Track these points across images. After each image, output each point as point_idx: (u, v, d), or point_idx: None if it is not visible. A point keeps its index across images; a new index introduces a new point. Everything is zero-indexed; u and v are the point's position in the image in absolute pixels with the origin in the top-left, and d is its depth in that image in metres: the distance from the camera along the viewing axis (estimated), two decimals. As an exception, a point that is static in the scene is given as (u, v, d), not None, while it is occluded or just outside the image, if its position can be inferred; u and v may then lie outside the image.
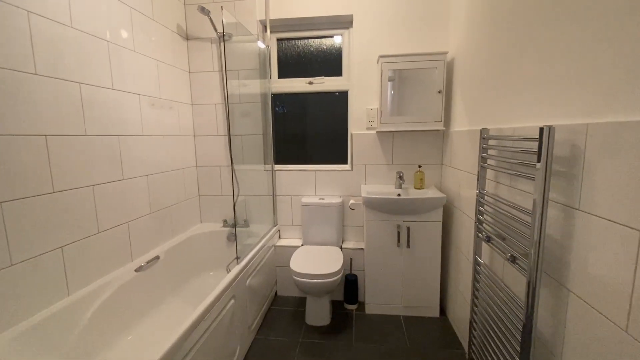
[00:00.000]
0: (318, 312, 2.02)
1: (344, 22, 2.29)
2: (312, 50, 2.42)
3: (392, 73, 2.07)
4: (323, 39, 2.40)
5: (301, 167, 2.45)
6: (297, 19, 2.27)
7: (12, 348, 1.09)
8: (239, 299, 1.67)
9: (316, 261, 2.01)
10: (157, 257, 1.88)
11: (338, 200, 2.31)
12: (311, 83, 2.40)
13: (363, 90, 2.27)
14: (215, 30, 2.20)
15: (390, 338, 1.90)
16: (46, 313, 1.25)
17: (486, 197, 1.38)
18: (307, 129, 2.54)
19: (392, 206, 1.98)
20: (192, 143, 2.42)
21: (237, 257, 1.76)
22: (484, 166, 1.37)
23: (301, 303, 2.26)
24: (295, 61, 2.45)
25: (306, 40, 2.42)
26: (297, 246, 2.31)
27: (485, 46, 1.54)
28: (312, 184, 2.43)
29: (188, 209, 2.35)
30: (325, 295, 2.00)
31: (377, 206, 2.01)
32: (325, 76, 2.39)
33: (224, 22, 1.71)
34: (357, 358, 1.74)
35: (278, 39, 2.42)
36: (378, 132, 2.27)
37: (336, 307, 2.22)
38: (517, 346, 1.07)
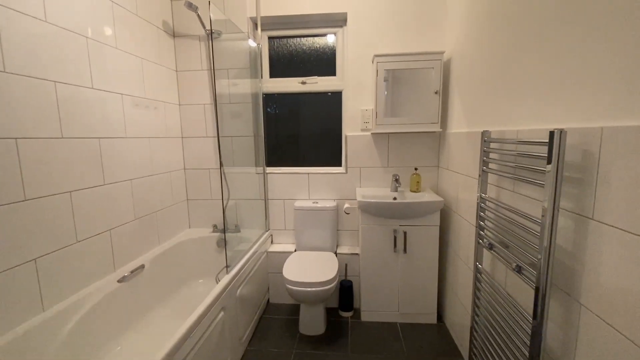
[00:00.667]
0: (312, 321, 1.94)
1: (338, 20, 2.22)
2: (305, 49, 2.35)
3: (388, 73, 2.01)
4: (316, 38, 2.32)
5: (294, 170, 2.37)
6: (289, 17, 2.19)
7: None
8: (229, 310, 1.58)
9: (310, 268, 1.93)
10: (142, 266, 1.78)
11: (332, 203, 2.24)
12: (304, 83, 2.32)
13: (357, 90, 2.20)
14: (203, 27, 2.10)
15: (387, 347, 1.83)
16: (18, 331, 1.15)
17: (487, 203, 1.33)
18: (300, 130, 2.46)
19: (388, 210, 1.91)
20: (180, 145, 2.32)
21: (227, 266, 1.67)
22: (486, 170, 1.32)
23: (295, 311, 2.18)
24: (287, 60, 2.37)
25: (299, 38, 2.34)
26: (290, 252, 2.23)
27: (485, 45, 1.49)
28: (306, 187, 2.35)
29: (176, 214, 2.25)
30: (319, 303, 1.93)
31: (373, 210, 1.94)
32: (318, 76, 2.32)
33: (212, 19, 1.62)
34: (354, 369, 1.67)
35: (269, 37, 2.34)
36: (373, 134, 2.21)
37: (331, 315, 2.15)
38: (524, 359, 1.01)
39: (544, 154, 0.89)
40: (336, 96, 2.34)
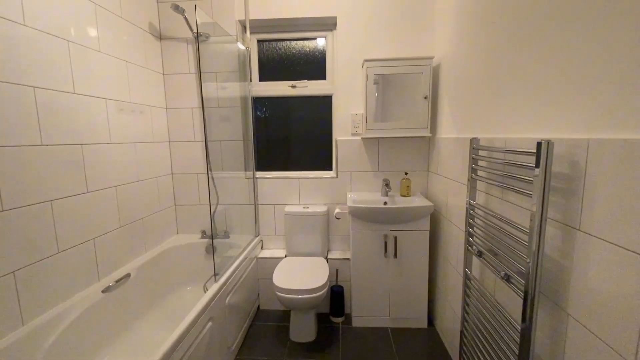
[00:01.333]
0: (303, 328, 1.93)
1: (328, 24, 2.21)
2: (295, 52, 2.33)
3: (377, 78, 2.00)
4: (306, 41, 2.31)
5: (284, 174, 2.35)
6: (279, 20, 2.17)
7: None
8: (217, 320, 1.55)
9: (300, 275, 1.91)
10: (128, 275, 1.73)
11: (323, 208, 2.23)
12: (294, 87, 2.30)
13: (348, 94, 2.20)
14: (190, 29, 2.07)
15: (378, 352, 1.83)
16: (-5, 348, 1.10)
17: (477, 210, 1.33)
18: (291, 134, 2.44)
19: (379, 215, 1.91)
20: (167, 149, 2.27)
21: (215, 274, 1.64)
22: (475, 177, 1.32)
23: (285, 317, 2.16)
24: (277, 64, 2.35)
25: (288, 42, 2.32)
26: (281, 257, 2.21)
27: (473, 51, 1.50)
28: (296, 192, 2.33)
29: (163, 220, 2.20)
30: (310, 310, 1.91)
31: (363, 216, 1.93)
32: (308, 79, 2.30)
33: (199, 22, 1.59)
34: (345, 377, 1.66)
35: (259, 40, 2.31)
36: (363, 138, 2.20)
37: (322, 321, 2.13)
38: (513, 368, 1.02)
39: (532, 164, 0.89)
40: (326, 100, 2.32)
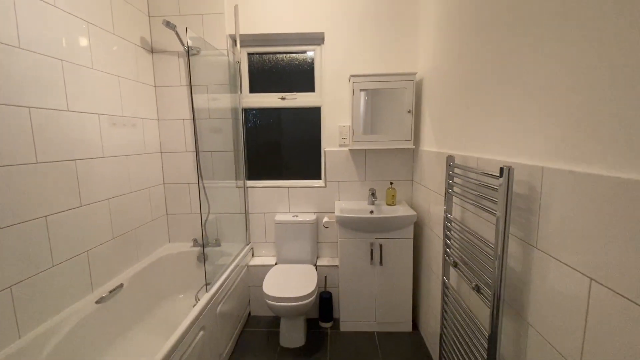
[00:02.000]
0: (292, 333, 2.00)
1: (316, 39, 2.29)
2: (284, 65, 2.40)
3: (363, 92, 2.09)
4: (295, 55, 2.38)
5: (275, 184, 2.41)
6: (268, 35, 2.24)
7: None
8: (209, 329, 1.61)
9: (290, 282, 1.98)
10: (121, 285, 1.78)
11: (312, 217, 2.30)
12: (284, 99, 2.37)
13: (335, 107, 2.27)
14: (182, 44, 2.12)
15: (364, 356, 1.91)
16: (-8, 361, 1.15)
17: (453, 223, 1.42)
18: (281, 144, 2.51)
19: (365, 224, 1.99)
20: (159, 160, 2.32)
21: (207, 284, 1.70)
22: (450, 192, 1.41)
23: (276, 323, 2.22)
24: (267, 76, 2.42)
25: (278, 55, 2.39)
26: (271, 265, 2.28)
27: (451, 71, 1.58)
28: (286, 201, 2.40)
29: (155, 230, 2.24)
30: (299, 316, 1.98)
31: (350, 224, 2.01)
32: (297, 91, 2.38)
33: (190, 38, 1.64)
34: (332, 380, 1.73)
35: (249, 53, 2.38)
36: (351, 150, 2.28)
37: (311, 326, 2.20)
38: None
39: (496, 186, 0.98)
40: (315, 112, 2.40)
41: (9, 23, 1.25)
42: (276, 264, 2.30)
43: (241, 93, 2.37)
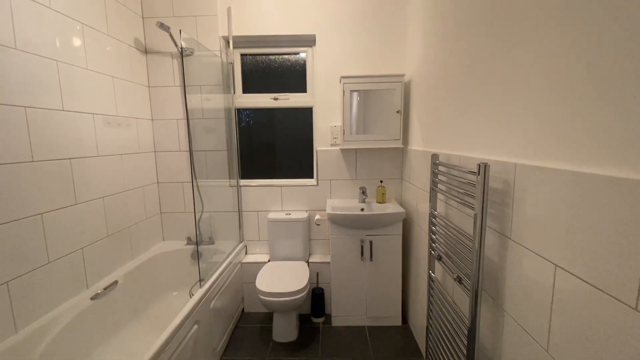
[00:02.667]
0: (285, 328, 2.04)
1: (308, 41, 2.34)
2: (277, 66, 2.45)
3: (354, 93, 2.14)
4: (287, 56, 2.43)
5: (267, 182, 2.46)
6: (261, 36, 2.29)
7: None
8: (203, 324, 1.66)
9: (282, 278, 2.03)
10: (116, 282, 1.81)
11: (304, 215, 2.35)
12: (276, 99, 2.42)
13: (327, 107, 2.33)
14: (175, 45, 2.15)
15: (355, 350, 1.96)
16: (-10, 355, 1.17)
17: (437, 218, 1.49)
18: (274, 144, 2.55)
19: (356, 221, 2.05)
20: (153, 159, 2.35)
21: (200, 280, 1.74)
22: (435, 189, 1.47)
23: (269, 319, 2.27)
24: (259, 77, 2.46)
25: (271, 56, 2.44)
26: (264, 262, 2.32)
27: (434, 73, 1.65)
28: (279, 199, 2.45)
29: (149, 228, 2.27)
30: (291, 311, 2.03)
31: (342, 222, 2.07)
32: (290, 92, 2.43)
33: (183, 44, 1.68)
34: (323, 373, 1.79)
35: (242, 54, 2.42)
36: (342, 149, 2.34)
37: (303, 321, 2.26)
38: (464, 357, 1.17)
39: (474, 181, 1.04)
40: (307, 112, 2.45)
41: (6, 25, 1.28)
42: (269, 261, 2.34)
43: (234, 93, 2.41)
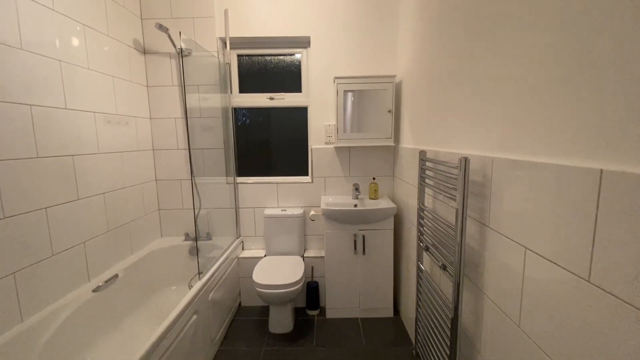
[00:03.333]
0: (281, 320, 2.11)
1: (303, 42, 2.41)
2: (273, 67, 2.52)
3: (347, 93, 2.22)
4: (283, 57, 2.50)
5: (264, 180, 2.53)
6: (257, 38, 2.36)
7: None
8: (202, 314, 1.72)
9: (278, 272, 2.10)
10: (116, 276, 1.86)
11: (300, 211, 2.42)
12: (272, 99, 2.49)
13: (321, 106, 2.41)
14: (174, 45, 2.21)
15: (348, 340, 2.04)
16: (-2, 342, 1.23)
17: (425, 212, 1.57)
18: (269, 142, 2.62)
19: (349, 216, 2.13)
20: (152, 157, 2.40)
21: (199, 273, 1.81)
22: (423, 184, 1.56)
23: (265, 312, 2.34)
24: (256, 76, 2.53)
25: (267, 57, 2.50)
26: (261, 257, 2.39)
27: (422, 74, 1.74)
28: (275, 196, 2.52)
29: (148, 224, 2.33)
30: (287, 303, 2.10)
31: (335, 217, 2.15)
32: (285, 92, 2.50)
33: (182, 41, 1.75)
34: (317, 361, 1.86)
35: (238, 55, 2.49)
36: (336, 147, 2.42)
37: (299, 314, 2.33)
38: (448, 340, 1.25)
39: (456, 175, 1.12)
40: (302, 111, 2.53)
41: (12, 26, 1.34)
42: (265, 256, 2.41)
43: (231, 93, 2.48)
